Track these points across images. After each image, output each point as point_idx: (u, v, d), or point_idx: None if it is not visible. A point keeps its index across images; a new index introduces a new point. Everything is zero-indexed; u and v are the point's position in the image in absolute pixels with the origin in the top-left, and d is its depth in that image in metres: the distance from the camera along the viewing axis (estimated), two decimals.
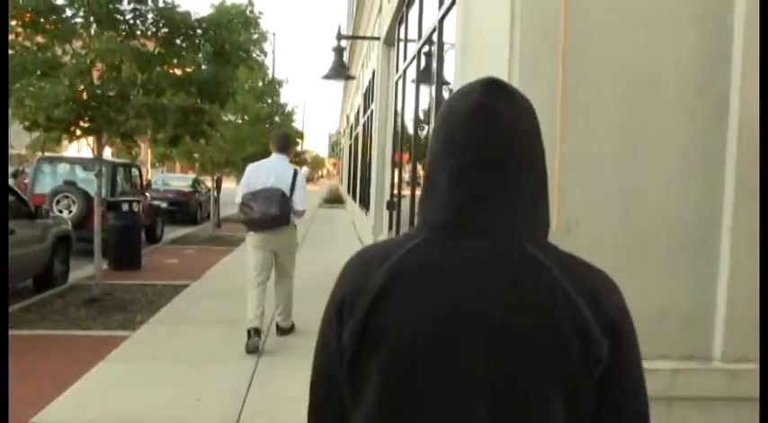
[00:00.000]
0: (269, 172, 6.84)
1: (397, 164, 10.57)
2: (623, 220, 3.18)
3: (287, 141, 7.27)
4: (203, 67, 9.07)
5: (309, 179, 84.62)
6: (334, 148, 57.95)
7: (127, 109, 8.53)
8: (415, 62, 8.39)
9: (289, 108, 26.99)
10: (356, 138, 23.64)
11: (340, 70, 12.86)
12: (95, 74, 8.37)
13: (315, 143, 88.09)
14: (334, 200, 32.91)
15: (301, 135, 28.97)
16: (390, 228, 10.75)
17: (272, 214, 6.58)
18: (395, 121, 10.88)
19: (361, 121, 19.93)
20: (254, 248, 6.96)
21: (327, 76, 13.46)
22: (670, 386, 3.10)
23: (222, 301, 8.97)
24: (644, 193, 3.19)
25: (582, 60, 3.10)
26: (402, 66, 10.28)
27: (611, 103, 3.15)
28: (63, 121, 7.85)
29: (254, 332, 6.66)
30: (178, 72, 8.98)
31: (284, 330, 7.29)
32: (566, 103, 3.10)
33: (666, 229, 3.20)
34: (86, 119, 8.30)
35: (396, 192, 10.76)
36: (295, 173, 7.00)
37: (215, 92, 9.20)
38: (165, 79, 8.74)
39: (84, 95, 8.01)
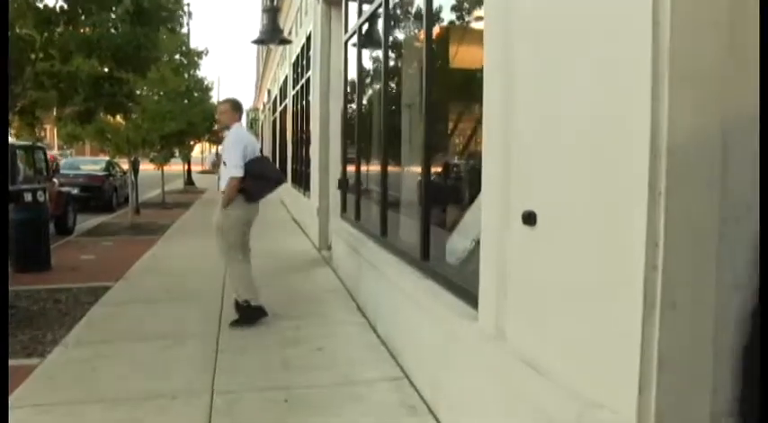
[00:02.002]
0: (255, 142, 6.98)
1: (349, 137, 9.15)
2: None
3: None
4: (118, 27, 7.47)
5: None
6: (252, 124, 55.67)
7: (22, 78, 6.90)
8: (381, 17, 6.95)
9: (206, 82, 25.16)
10: (282, 112, 22.05)
11: (274, 33, 11.37)
12: None
13: None
14: None
15: None
16: (344, 209, 9.35)
17: (282, 179, 6.89)
18: (345, 88, 9.43)
19: (290, 93, 18.35)
20: (243, 223, 6.76)
21: (260, 41, 11.97)
22: None
23: (154, 308, 7.47)
24: None
25: None
26: (353, 24, 8.85)
27: None
28: None
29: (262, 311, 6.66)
30: (88, 32, 7.34)
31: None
32: None
33: None
34: None
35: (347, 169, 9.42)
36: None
37: (133, 57, 7.60)
38: (71, 41, 7.11)
39: None
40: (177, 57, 17.60)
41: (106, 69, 8.00)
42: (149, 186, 23.56)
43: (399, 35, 7.16)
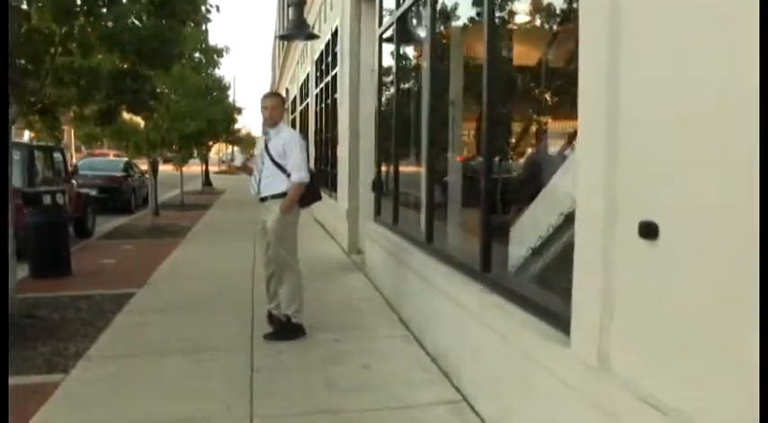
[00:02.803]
0: None
1: (385, 135, 8.66)
2: None
3: None
4: (142, 19, 7.03)
5: (232, 160, 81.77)
6: None
7: (41, 73, 6.47)
8: (427, 6, 6.46)
9: (225, 81, 24.81)
10: (303, 111, 21.62)
11: (301, 28, 10.93)
12: None
13: (246, 120, 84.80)
14: None
15: (240, 111, 26.69)
16: (378, 212, 8.87)
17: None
18: (379, 85, 8.95)
19: (312, 91, 17.91)
20: (294, 227, 6.33)
21: (286, 36, 11.55)
22: None
23: (181, 317, 7.03)
24: None
25: None
26: (388, 17, 8.37)
27: None
28: None
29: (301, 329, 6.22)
30: (110, 24, 6.89)
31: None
32: None
33: None
34: None
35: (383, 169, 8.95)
36: None
37: (157, 52, 7.16)
38: (92, 34, 6.68)
39: None
40: (197, 55, 17.17)
41: (128, 65, 7.57)
42: (167, 187, 23.16)
43: (447, 26, 6.66)
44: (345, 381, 5.10)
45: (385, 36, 8.67)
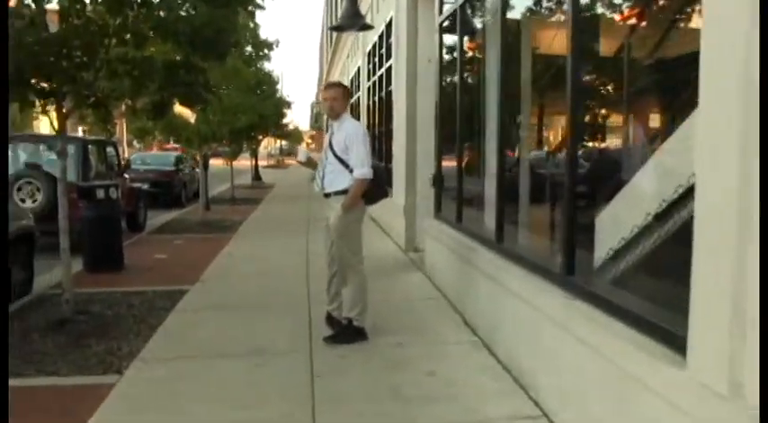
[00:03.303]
0: None
1: (448, 129, 8.32)
2: None
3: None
4: (197, 7, 6.78)
5: (290, 153, 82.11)
6: (318, 118, 55.31)
7: (95, 64, 6.28)
8: None
9: (274, 75, 24.63)
10: (354, 105, 21.36)
11: (354, 19, 10.65)
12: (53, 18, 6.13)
13: (293, 115, 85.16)
14: None
15: (289, 105, 26.52)
16: (439, 209, 8.54)
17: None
18: (439, 77, 8.62)
19: (364, 84, 17.63)
20: (358, 225, 6.03)
21: (338, 27, 11.28)
22: None
23: (236, 316, 6.81)
24: None
25: None
26: (449, 7, 8.04)
27: None
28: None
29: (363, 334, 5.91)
30: (162, 14, 6.65)
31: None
32: None
33: None
34: (40, 78, 6.07)
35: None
36: None
37: (213, 41, 6.91)
38: (146, 24, 6.46)
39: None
40: (248, 48, 16.99)
41: (181, 56, 7.34)
42: (217, 181, 23.08)
43: (521, 13, 6.30)
44: (411, 389, 4.79)
45: (445, 25, 8.33)
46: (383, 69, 14.00)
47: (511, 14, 6.04)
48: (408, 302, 7.32)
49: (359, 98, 19.74)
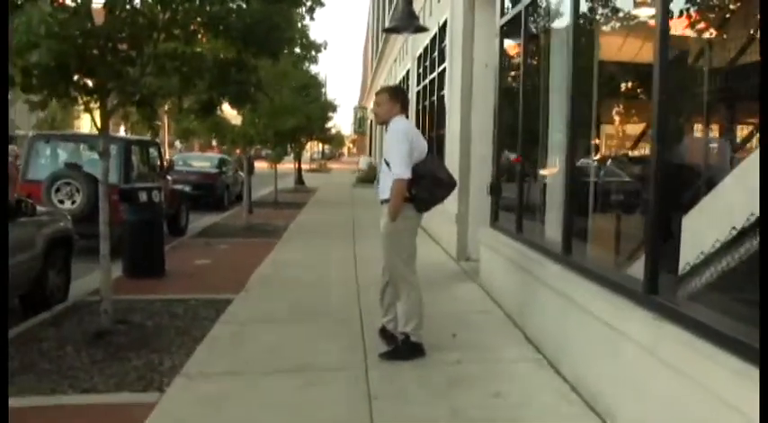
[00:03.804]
0: (422, 139, 5.65)
1: (508, 136, 7.87)
2: None
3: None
4: (250, 2, 6.43)
5: (332, 157, 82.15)
6: (361, 123, 54.89)
7: (142, 60, 5.95)
8: None
9: (321, 78, 24.33)
10: None
11: (409, 20, 10.24)
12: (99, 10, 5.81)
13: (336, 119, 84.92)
14: (368, 179, 29.98)
15: (334, 108, 26.18)
16: (496, 218, 8.08)
17: (455, 183, 5.72)
18: (497, 82, 8.16)
19: (414, 88, 17.20)
20: (410, 234, 5.55)
21: (393, 29, 10.88)
22: None
23: (284, 329, 6.43)
24: None
25: None
26: (512, 8, 7.57)
27: None
28: (47, 74, 5.27)
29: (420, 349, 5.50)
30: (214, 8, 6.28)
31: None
32: None
33: None
34: (84, 73, 5.74)
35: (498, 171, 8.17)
36: None
37: (267, 38, 6.54)
38: (197, 18, 6.12)
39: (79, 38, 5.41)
40: (296, 49, 16.63)
41: (233, 53, 6.98)
42: (259, 185, 22.81)
43: (596, 16, 5.84)
44: (477, 412, 4.39)
45: (506, 28, 7.88)
46: (435, 74, 13.56)
47: (583, 17, 5.59)
48: (464, 315, 6.87)
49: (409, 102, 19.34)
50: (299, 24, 14.13)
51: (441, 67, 12.70)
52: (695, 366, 3.18)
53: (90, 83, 5.87)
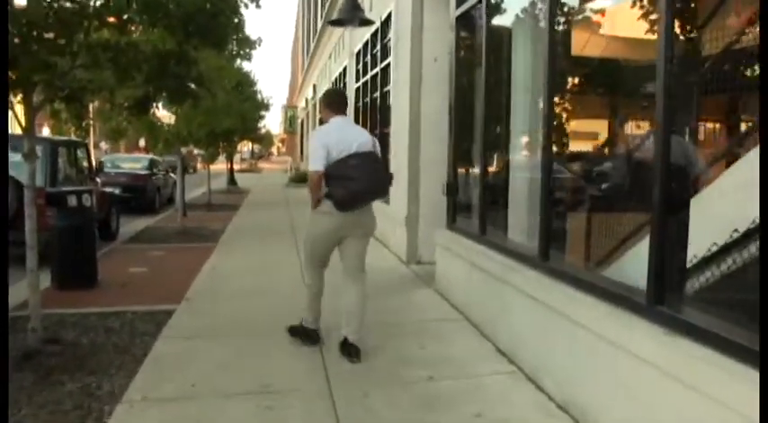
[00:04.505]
0: (350, 137, 5.38)
1: (466, 133, 7.47)
2: None
3: (346, 100, 5.96)
4: None
5: (261, 156, 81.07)
6: (292, 122, 54.06)
7: (73, 49, 5.35)
8: None
9: (253, 76, 23.59)
10: None
11: (354, 13, 9.80)
12: None
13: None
14: (301, 179, 29.35)
15: (267, 107, 25.39)
16: (453, 219, 7.68)
17: (385, 182, 5.49)
18: (453, 77, 7.75)
19: (353, 86, 16.72)
20: (325, 231, 5.45)
21: (337, 22, 10.41)
22: None
23: (233, 344, 5.88)
24: None
25: None
26: None
27: None
28: None
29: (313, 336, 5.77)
30: None
31: (356, 350, 5.40)
32: None
33: None
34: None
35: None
36: (374, 140, 5.57)
37: (208, 26, 6.02)
38: (132, 3, 5.54)
39: None
40: (231, 46, 15.98)
41: (171, 45, 6.41)
42: (190, 186, 22.00)
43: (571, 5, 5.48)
44: None
45: (462, 20, 7.49)
46: (377, 69, 13.10)
47: (559, 6, 5.22)
48: (426, 325, 6.44)
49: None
50: (242, 13, 13.54)
51: (384, 63, 12.26)
52: (709, 381, 2.84)
53: (12, 76, 5.22)
